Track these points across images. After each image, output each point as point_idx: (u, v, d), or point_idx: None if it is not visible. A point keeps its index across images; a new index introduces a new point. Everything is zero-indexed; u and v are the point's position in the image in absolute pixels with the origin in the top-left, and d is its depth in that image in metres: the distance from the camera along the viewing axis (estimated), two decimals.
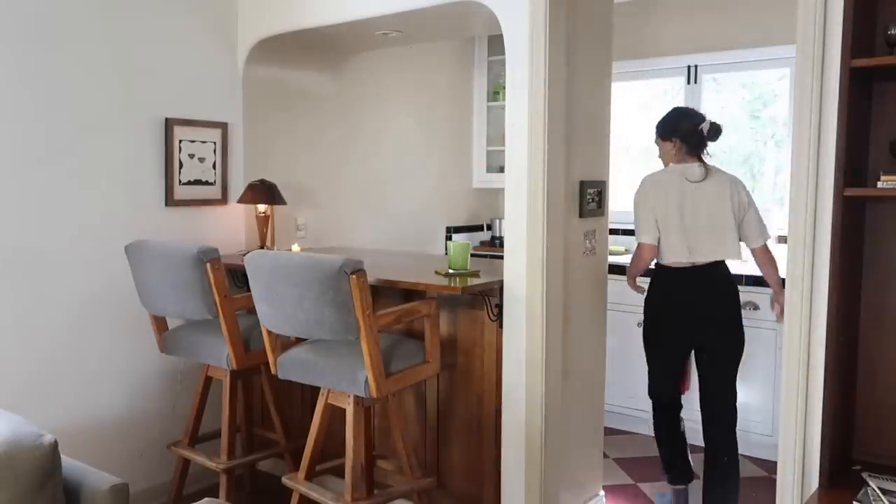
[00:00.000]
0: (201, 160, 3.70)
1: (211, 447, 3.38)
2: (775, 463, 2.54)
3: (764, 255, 3.26)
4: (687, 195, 3.19)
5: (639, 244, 3.30)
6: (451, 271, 3.04)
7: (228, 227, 3.85)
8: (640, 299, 3.47)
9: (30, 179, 3.10)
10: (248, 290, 2.86)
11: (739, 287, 3.88)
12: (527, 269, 2.90)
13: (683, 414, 3.54)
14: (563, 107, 2.94)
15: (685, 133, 3.24)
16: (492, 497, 3.09)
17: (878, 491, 2.10)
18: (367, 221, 4.56)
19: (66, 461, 2.09)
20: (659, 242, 3.23)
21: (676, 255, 3.20)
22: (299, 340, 3.00)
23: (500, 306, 2.99)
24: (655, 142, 3.37)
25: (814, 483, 2.33)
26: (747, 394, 3.95)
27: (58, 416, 3.15)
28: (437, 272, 3.13)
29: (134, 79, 3.42)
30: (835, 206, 2.18)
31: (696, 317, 3.22)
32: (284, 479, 2.99)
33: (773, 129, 4.69)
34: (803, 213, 2.34)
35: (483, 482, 3.13)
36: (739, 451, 3.31)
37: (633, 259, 3.40)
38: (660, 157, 3.36)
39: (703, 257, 3.18)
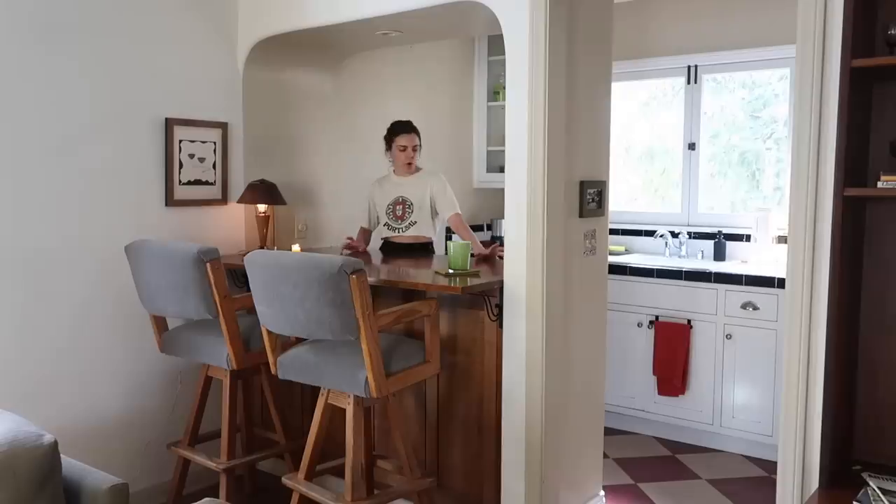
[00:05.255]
0: (201, 160, 3.69)
1: (211, 447, 3.38)
2: (775, 463, 2.54)
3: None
4: None
5: None
6: (451, 271, 3.04)
7: (228, 227, 3.84)
8: (640, 299, 3.46)
9: (30, 179, 3.10)
10: (248, 290, 2.86)
11: (739, 287, 3.87)
12: (527, 269, 2.90)
13: (681, 414, 3.53)
14: (563, 107, 2.94)
15: None
16: (492, 497, 3.09)
17: (878, 491, 2.10)
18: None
19: (66, 461, 2.09)
20: None
21: None
22: (299, 340, 2.99)
23: (500, 306, 2.99)
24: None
25: (814, 483, 2.33)
26: (747, 394, 3.96)
27: (58, 416, 3.15)
28: (437, 272, 3.13)
29: (134, 79, 3.42)
30: (835, 206, 2.18)
31: None
32: (284, 479, 2.99)
33: (773, 130, 4.69)
34: (803, 213, 2.35)
35: (483, 482, 3.12)
36: (740, 451, 3.30)
37: None
38: None
39: None
